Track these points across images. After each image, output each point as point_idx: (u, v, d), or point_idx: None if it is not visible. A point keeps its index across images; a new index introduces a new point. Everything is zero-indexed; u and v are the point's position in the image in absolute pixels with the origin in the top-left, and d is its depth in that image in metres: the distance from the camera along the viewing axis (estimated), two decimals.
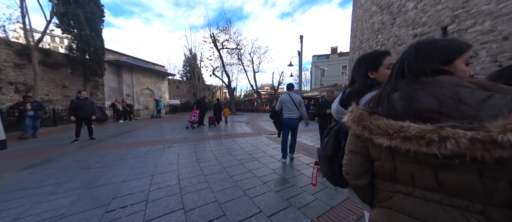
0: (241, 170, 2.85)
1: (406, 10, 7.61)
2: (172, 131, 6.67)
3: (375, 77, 0.83)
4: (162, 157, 3.51)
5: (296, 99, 3.11)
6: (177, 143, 4.77)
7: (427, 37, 4.18)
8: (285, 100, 3.16)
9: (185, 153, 3.80)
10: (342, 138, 0.85)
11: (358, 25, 11.36)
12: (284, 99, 3.18)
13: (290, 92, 3.24)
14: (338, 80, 25.42)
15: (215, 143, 4.82)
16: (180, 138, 5.36)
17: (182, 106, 17.12)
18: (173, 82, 19.09)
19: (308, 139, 5.11)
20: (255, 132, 6.44)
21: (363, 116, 0.54)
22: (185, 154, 3.72)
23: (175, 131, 6.65)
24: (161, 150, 4.05)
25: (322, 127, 2.91)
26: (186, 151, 4.00)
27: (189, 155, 3.65)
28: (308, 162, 3.12)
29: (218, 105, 8.58)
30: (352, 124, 0.57)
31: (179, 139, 5.28)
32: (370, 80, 0.83)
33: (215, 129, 7.34)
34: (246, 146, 4.39)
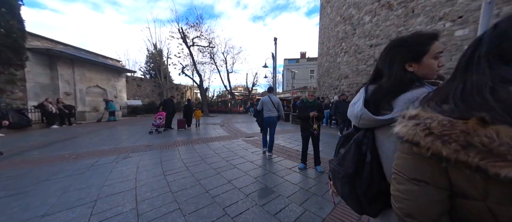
0: (219, 181, 2.48)
1: (363, 22, 8.74)
2: (130, 137, 5.53)
3: (414, 70, 0.61)
4: (114, 172, 2.74)
5: (275, 101, 3.66)
6: (137, 151, 3.91)
7: None
8: (265, 102, 3.66)
9: (147, 164, 3.10)
10: (367, 150, 0.67)
11: (325, 32, 12.46)
12: (265, 100, 3.67)
13: (270, 94, 3.75)
14: (307, 83, 27.58)
15: (186, 149, 4.21)
16: (141, 146, 4.45)
17: (145, 108, 14.87)
18: (133, 80, 16.37)
19: (286, 140, 5.12)
20: (231, 135, 6.05)
21: (464, 127, 0.33)
22: (147, 166, 3.04)
23: (135, 137, 5.55)
24: (113, 162, 3.20)
25: (304, 130, 2.85)
26: (149, 161, 3.29)
27: (153, 167, 3.00)
28: (290, 166, 3.03)
29: (189, 106, 7.74)
30: (425, 140, 0.37)
31: (139, 146, 4.37)
32: (409, 74, 0.61)
33: (186, 132, 6.55)
34: (223, 151, 4.00)
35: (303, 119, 2.83)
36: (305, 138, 2.90)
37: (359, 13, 8.92)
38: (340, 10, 10.31)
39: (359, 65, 8.89)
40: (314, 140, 2.83)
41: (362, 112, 0.66)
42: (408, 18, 7.06)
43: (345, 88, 9.72)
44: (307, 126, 2.77)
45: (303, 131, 2.90)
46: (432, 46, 0.60)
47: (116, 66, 12.53)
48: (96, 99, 11.00)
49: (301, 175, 2.70)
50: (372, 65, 8.28)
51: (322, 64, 13.14)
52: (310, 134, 2.81)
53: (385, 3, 7.77)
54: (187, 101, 8.02)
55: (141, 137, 5.53)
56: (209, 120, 11.60)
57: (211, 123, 9.82)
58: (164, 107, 7.08)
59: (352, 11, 9.31)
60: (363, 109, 0.66)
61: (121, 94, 13.05)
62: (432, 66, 0.61)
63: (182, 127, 7.16)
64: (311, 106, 2.84)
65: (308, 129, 2.78)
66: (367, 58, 8.48)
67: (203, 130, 7.25)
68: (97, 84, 11.03)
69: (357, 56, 8.98)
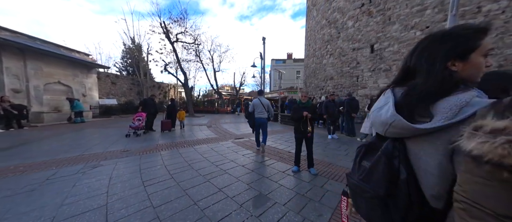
0: (208, 190, 2.25)
1: (347, 27, 9.19)
2: (103, 141, 4.85)
3: (458, 70, 0.51)
4: (78, 186, 2.30)
5: (264, 103, 3.95)
6: (111, 158, 3.41)
7: None
8: (256, 104, 3.95)
9: (122, 174, 2.69)
10: (399, 165, 0.55)
11: (311, 34, 12.84)
12: (255, 103, 3.96)
13: (260, 97, 4.04)
14: (293, 84, 28.28)
15: (169, 154, 3.82)
16: (115, 151, 3.91)
17: (121, 108, 13.49)
18: (107, 77, 14.71)
19: (276, 141, 5.05)
20: (219, 137, 5.76)
21: None
22: (122, 176, 2.63)
23: (108, 141, 4.89)
24: (77, 173, 2.70)
25: (298, 131, 2.77)
26: (125, 170, 2.87)
27: (130, 176, 2.61)
28: (283, 170, 2.93)
29: (173, 106, 7.17)
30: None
31: (113, 152, 3.84)
32: (453, 74, 0.51)
33: (169, 135, 6.04)
34: (211, 155, 3.73)
35: (296, 120, 2.76)
36: (298, 139, 2.84)
37: (343, 18, 9.36)
38: (325, 14, 10.70)
39: (343, 67, 9.34)
40: (307, 141, 2.79)
41: (394, 119, 0.54)
42: (385, 25, 7.62)
43: (330, 89, 10.13)
44: (301, 127, 2.71)
45: (296, 133, 2.83)
46: (482, 42, 0.50)
47: (84, 60, 11.02)
48: (58, 98, 9.54)
49: (295, 178, 2.62)
50: (355, 68, 8.77)
51: (308, 65, 13.53)
52: (304, 135, 2.75)
53: (365, 10, 8.28)
54: (170, 101, 7.41)
55: (116, 141, 4.90)
56: (194, 120, 11.01)
57: (197, 123, 9.31)
58: (144, 108, 6.43)
59: (337, 15, 9.73)
60: (396, 116, 0.54)
61: (92, 93, 11.58)
62: (480, 65, 0.52)
63: (167, 128, 6.60)
64: (304, 107, 2.79)
65: (301, 131, 2.71)
66: (350, 61, 8.94)
67: (189, 131, 6.80)
68: (60, 80, 9.58)
69: (341, 58, 9.42)
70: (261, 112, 3.90)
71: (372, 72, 8.04)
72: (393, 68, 7.41)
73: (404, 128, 0.53)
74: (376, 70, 7.92)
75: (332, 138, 5.22)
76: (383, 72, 7.70)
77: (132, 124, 5.60)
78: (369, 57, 8.17)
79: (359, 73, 8.55)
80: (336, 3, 9.71)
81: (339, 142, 4.87)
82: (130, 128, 5.55)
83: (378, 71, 7.86)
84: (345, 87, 9.11)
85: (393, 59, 7.41)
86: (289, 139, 5.32)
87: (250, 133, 6.40)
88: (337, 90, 9.63)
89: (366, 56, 8.28)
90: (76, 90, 10.31)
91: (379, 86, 7.78)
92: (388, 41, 7.55)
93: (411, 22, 6.88)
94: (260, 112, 3.90)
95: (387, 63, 7.54)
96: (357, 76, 8.66)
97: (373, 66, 8.00)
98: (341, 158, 3.49)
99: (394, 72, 7.36)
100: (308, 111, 2.71)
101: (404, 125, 0.52)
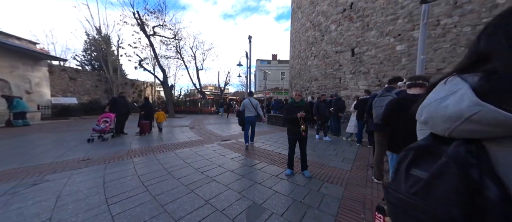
0: (193, 203, 1.91)
1: (330, 30, 9.58)
2: (54, 149, 3.97)
3: None
4: (5, 213, 1.71)
5: (254, 103, 4.30)
6: (63, 170, 2.74)
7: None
8: (246, 104, 4.29)
9: (78, 190, 2.14)
10: (482, 177, 0.37)
11: (296, 36, 13.12)
12: (246, 103, 4.30)
13: (250, 98, 4.39)
14: (278, 84, 28.76)
15: (144, 161, 3.29)
16: (71, 161, 3.19)
17: (84, 108, 11.70)
18: (63, 71, 12.55)
19: (265, 142, 4.86)
20: (204, 139, 5.31)
21: None
22: (77, 193, 2.09)
23: (62, 148, 4.02)
24: (4, 195, 2.05)
25: (292, 132, 2.61)
26: (83, 184, 2.30)
27: (88, 193, 2.08)
28: (276, 173, 2.74)
29: (148, 105, 6.35)
30: None
31: (67, 163, 3.12)
32: None
33: (145, 138, 5.33)
34: (195, 160, 3.33)
35: (290, 121, 2.59)
36: (292, 141, 2.68)
37: (326, 21, 9.75)
38: (310, 17, 11.02)
39: (327, 69, 9.71)
40: (301, 143, 2.65)
41: (477, 110, 0.36)
42: (364, 31, 8.15)
43: (315, 90, 10.44)
44: (295, 128, 2.55)
45: (290, 134, 2.66)
46: None
47: (27, 49, 8.90)
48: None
49: (290, 183, 2.45)
50: (338, 70, 9.18)
51: (294, 66, 13.80)
52: (298, 136, 2.60)
53: (347, 15, 8.75)
54: (144, 100, 6.57)
55: (73, 147, 4.07)
56: (175, 121, 10.15)
57: (178, 125, 8.56)
58: (112, 108, 5.56)
59: (321, 18, 10.09)
60: (482, 105, 0.36)
61: (40, 89, 9.66)
62: None
63: (146, 131, 5.84)
64: (298, 107, 2.64)
65: (296, 132, 2.56)
66: (334, 63, 9.34)
67: (169, 133, 6.13)
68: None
69: (325, 60, 9.78)
70: (251, 111, 4.26)
71: (353, 74, 8.52)
72: (371, 72, 7.95)
73: (499, 121, 0.35)
74: (356, 73, 8.41)
75: (319, 138, 5.27)
76: (362, 75, 8.22)
77: (96, 127, 4.75)
78: (350, 60, 8.64)
79: (342, 75, 8.98)
80: (320, 6, 10.07)
81: (326, 141, 4.93)
82: (93, 131, 4.70)
83: (358, 74, 8.35)
84: (329, 88, 9.49)
85: (371, 63, 7.95)
86: (278, 139, 5.20)
87: (237, 134, 6.09)
88: (321, 91, 9.97)
89: (347, 59, 8.73)
90: (16, 86, 8.45)
91: (359, 88, 8.28)
92: (366, 46, 8.08)
93: (386, 29, 7.48)
94: (249, 111, 4.25)
95: (366, 66, 8.06)
96: (339, 78, 9.09)
97: (354, 69, 8.48)
98: (332, 158, 3.47)
99: (373, 75, 7.90)
100: (302, 110, 2.57)
101: (499, 116, 0.34)
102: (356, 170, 2.85)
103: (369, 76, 8.01)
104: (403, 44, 7.07)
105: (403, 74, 7.10)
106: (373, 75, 7.90)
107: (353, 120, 4.86)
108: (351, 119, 4.96)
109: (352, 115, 4.94)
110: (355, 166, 3.07)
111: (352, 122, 4.88)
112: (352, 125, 4.84)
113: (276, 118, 8.64)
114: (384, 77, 7.55)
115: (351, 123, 4.89)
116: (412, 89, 1.66)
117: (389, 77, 7.68)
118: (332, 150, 4.05)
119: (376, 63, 7.75)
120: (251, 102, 4.27)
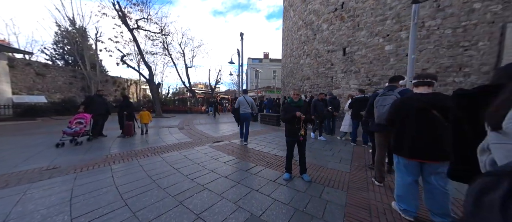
0: (182, 219, 1.65)
1: (322, 29, 9.61)
2: (12, 156, 3.39)
3: None
4: None
5: (249, 101, 4.56)
6: (20, 183, 2.29)
7: None
8: (241, 101, 4.53)
9: (33, 210, 1.76)
10: None
11: (288, 34, 13.05)
12: (241, 100, 4.54)
13: (245, 95, 4.65)
14: (270, 83, 28.72)
15: (125, 167, 2.91)
16: (32, 171, 2.71)
17: (54, 107, 10.54)
18: (28, 66, 11.16)
19: (259, 143, 4.67)
20: (194, 141, 4.97)
21: None
22: (32, 213, 1.71)
23: (22, 155, 3.44)
24: None
25: (291, 134, 2.44)
26: (43, 200, 1.91)
27: (48, 213, 1.72)
28: (274, 178, 2.56)
29: (128, 104, 5.67)
30: None
31: (28, 173, 2.64)
32: None
33: (128, 141, 4.85)
34: (185, 165, 3.03)
35: (288, 121, 2.42)
36: (290, 143, 2.51)
37: (318, 20, 9.76)
38: (302, 15, 10.98)
39: (319, 68, 9.75)
40: (300, 145, 2.49)
41: None
42: (355, 31, 8.27)
43: (307, 89, 10.46)
44: (293, 129, 2.38)
45: (288, 136, 2.49)
46: None
47: None
48: None
49: (289, 188, 2.28)
50: (330, 69, 9.26)
51: (286, 65, 13.74)
52: (296, 139, 2.44)
53: (338, 14, 8.82)
54: (122, 97, 5.90)
55: (37, 154, 3.51)
56: (162, 121, 9.55)
57: (166, 125, 8.03)
58: (87, 107, 4.98)
59: (313, 17, 10.09)
60: None
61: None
62: None
63: (129, 133, 5.32)
64: (296, 107, 2.48)
65: (294, 134, 2.39)
66: (326, 62, 9.41)
67: (155, 135, 5.67)
68: None
69: (317, 59, 9.82)
70: (246, 108, 4.52)
71: (344, 73, 8.64)
72: (361, 71, 8.11)
73: None
74: (347, 72, 8.54)
75: (314, 137, 5.21)
76: (353, 74, 8.36)
77: (67, 129, 4.19)
78: (341, 60, 8.74)
79: (333, 74, 9.07)
80: (312, 5, 10.06)
81: (322, 141, 4.87)
82: (64, 134, 4.13)
83: (349, 73, 8.48)
84: (321, 87, 9.55)
85: (361, 62, 8.10)
86: (274, 140, 5.04)
87: (230, 135, 5.83)
88: (314, 90, 10.02)
89: (339, 59, 8.83)
90: None
91: (350, 87, 8.42)
92: (357, 45, 8.21)
93: (376, 30, 7.64)
94: (244, 108, 4.51)
95: (357, 66, 8.20)
96: (331, 77, 9.18)
97: (345, 68, 8.60)
98: (329, 159, 3.38)
99: (363, 75, 8.07)
100: (301, 110, 2.41)
101: None
102: (355, 172, 2.78)
103: (359, 75, 8.17)
104: (391, 44, 7.27)
105: (391, 74, 7.33)
106: (363, 74, 8.06)
107: (347, 119, 4.85)
108: (345, 118, 4.95)
109: (346, 114, 4.93)
110: (353, 167, 3.00)
111: (346, 121, 4.87)
112: (346, 124, 4.83)
113: (269, 117, 8.49)
114: (373, 76, 7.74)
115: (346, 121, 4.88)
116: (419, 88, 1.56)
117: (378, 77, 7.89)
118: (328, 150, 3.98)
119: (366, 62, 7.91)
120: (246, 99, 4.54)
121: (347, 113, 4.88)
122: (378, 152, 2.24)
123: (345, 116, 4.99)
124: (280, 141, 4.92)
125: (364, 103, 4.17)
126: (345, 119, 4.95)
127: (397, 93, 1.91)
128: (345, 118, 4.96)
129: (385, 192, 2.19)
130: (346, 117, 4.90)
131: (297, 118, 2.34)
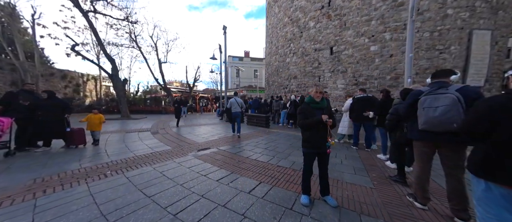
0: None
1: (309, 27, 9.41)
2: None
3: None
4: None
5: (239, 101, 5.36)
6: None
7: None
8: (232, 102, 5.34)
9: None
10: None
11: (273, 31, 12.59)
12: (232, 101, 5.36)
13: (235, 97, 5.48)
14: (251, 82, 28.10)
15: (61, 199, 1.79)
16: None
17: None
18: None
19: (255, 149, 3.94)
20: (173, 149, 3.89)
21: None
22: None
23: None
24: None
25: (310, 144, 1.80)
26: None
27: None
28: (289, 205, 1.87)
29: (63, 104, 4.03)
30: None
31: None
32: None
33: (74, 154, 3.45)
34: (163, 189, 2.08)
35: (309, 129, 1.78)
36: (310, 156, 1.88)
37: (305, 18, 9.54)
38: (287, 12, 10.63)
39: (306, 67, 9.55)
40: (322, 159, 1.88)
41: None
42: (342, 30, 8.29)
43: (294, 88, 10.18)
44: (317, 138, 1.75)
45: (307, 147, 1.85)
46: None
47: None
48: None
49: (313, 220, 1.63)
50: (317, 68, 9.13)
51: (271, 63, 13.28)
52: (320, 151, 1.82)
53: (325, 12, 8.73)
54: (47, 95, 3.91)
55: None
56: (130, 124, 7.84)
57: (134, 129, 6.52)
58: (7, 108, 3.40)
59: (299, 14, 9.82)
60: None
61: None
62: None
63: (81, 142, 3.94)
64: (319, 109, 1.86)
65: (317, 144, 1.76)
66: (313, 61, 9.25)
67: (118, 143, 4.29)
68: None
69: (304, 58, 9.60)
70: (236, 108, 5.28)
71: (332, 73, 8.61)
72: (348, 71, 8.17)
73: None
74: (335, 72, 8.52)
75: None
76: (340, 74, 8.37)
77: None
78: (329, 59, 8.68)
79: (321, 74, 8.97)
80: (298, 1, 9.79)
81: None
82: None
83: (336, 72, 8.47)
84: (309, 87, 9.36)
85: (348, 62, 8.16)
86: (268, 145, 4.37)
87: (217, 139, 4.94)
88: (301, 89, 9.77)
89: (326, 57, 8.76)
90: None
91: (337, 86, 8.42)
92: (344, 45, 8.24)
93: (362, 30, 7.76)
94: (235, 108, 5.28)
95: (344, 65, 8.23)
96: (319, 76, 9.06)
97: (333, 68, 8.57)
98: (342, 169, 2.89)
99: (350, 74, 8.13)
100: (325, 113, 1.80)
101: None
102: (380, 187, 2.32)
103: (346, 75, 8.21)
104: (376, 45, 7.46)
105: (376, 75, 7.53)
106: (350, 74, 8.13)
107: (345, 120, 4.55)
108: (343, 119, 4.65)
109: (344, 115, 4.62)
110: (372, 178, 2.56)
111: (344, 123, 4.57)
112: (345, 125, 4.52)
113: (257, 118, 7.82)
114: (360, 76, 7.86)
115: (344, 123, 4.57)
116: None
117: (364, 77, 8.02)
118: (334, 156, 3.52)
119: (353, 62, 7.99)
120: (236, 101, 5.33)
121: (345, 114, 4.57)
122: (419, 166, 1.80)
123: (343, 117, 4.69)
124: (276, 146, 4.30)
125: (367, 104, 3.90)
126: (343, 120, 4.64)
127: (454, 91, 1.47)
128: (343, 119, 4.66)
129: (437, 219, 1.70)
130: (344, 118, 4.59)
131: (323, 123, 1.72)
